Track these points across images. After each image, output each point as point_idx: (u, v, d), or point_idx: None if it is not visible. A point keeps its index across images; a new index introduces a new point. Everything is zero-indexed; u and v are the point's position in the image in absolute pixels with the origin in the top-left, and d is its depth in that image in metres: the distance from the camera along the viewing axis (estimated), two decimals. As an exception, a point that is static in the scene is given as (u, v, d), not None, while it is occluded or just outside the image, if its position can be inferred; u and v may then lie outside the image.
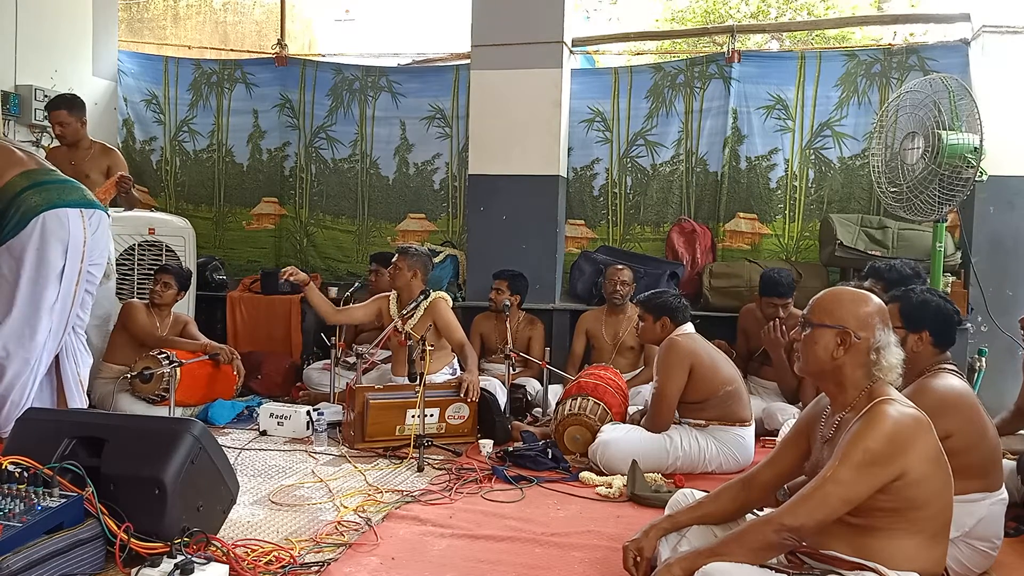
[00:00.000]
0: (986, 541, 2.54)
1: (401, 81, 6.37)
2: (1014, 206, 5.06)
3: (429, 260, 4.75)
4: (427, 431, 3.92)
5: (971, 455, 2.46)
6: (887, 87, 5.46)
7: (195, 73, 6.72)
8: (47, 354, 3.68)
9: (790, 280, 4.63)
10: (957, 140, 3.96)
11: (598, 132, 5.96)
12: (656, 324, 3.88)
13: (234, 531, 2.83)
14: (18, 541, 2.19)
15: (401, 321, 4.48)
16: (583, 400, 3.95)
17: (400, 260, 4.55)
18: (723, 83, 5.72)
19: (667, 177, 5.89)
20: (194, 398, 4.56)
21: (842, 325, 2.05)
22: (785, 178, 5.68)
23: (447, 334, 4.50)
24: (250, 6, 11.43)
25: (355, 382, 4.21)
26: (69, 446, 2.56)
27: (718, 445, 3.72)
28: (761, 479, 2.28)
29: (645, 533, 2.27)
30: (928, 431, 1.96)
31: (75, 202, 3.69)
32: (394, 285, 4.61)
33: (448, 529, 2.94)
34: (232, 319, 5.95)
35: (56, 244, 3.59)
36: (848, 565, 1.92)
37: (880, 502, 1.92)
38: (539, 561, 2.68)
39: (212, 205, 6.71)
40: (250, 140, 6.64)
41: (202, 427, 2.63)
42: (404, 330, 4.42)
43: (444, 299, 4.57)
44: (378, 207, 6.43)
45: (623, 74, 5.96)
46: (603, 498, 3.38)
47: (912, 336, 2.67)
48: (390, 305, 4.61)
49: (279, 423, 4.24)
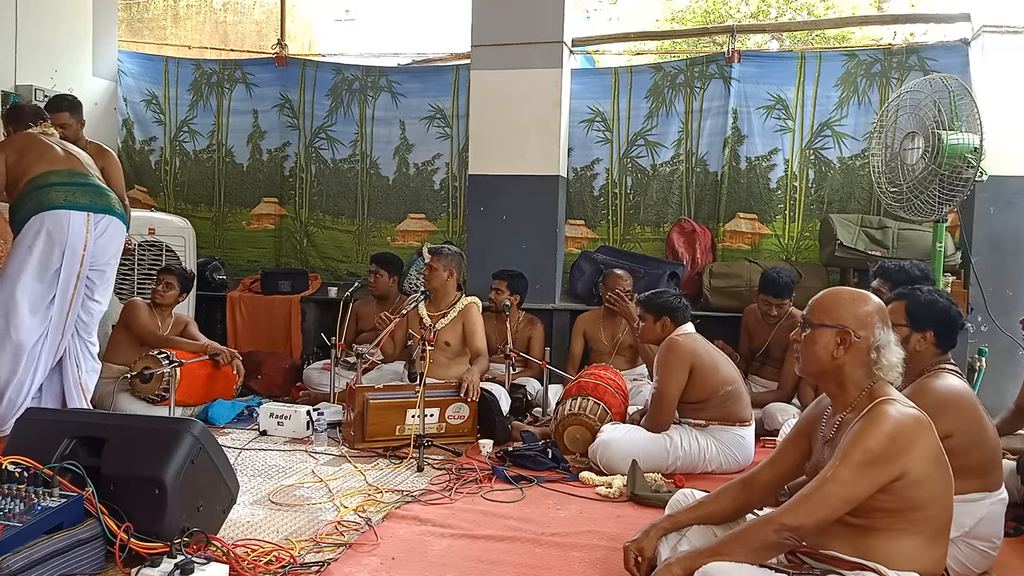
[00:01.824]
0: (986, 541, 2.54)
1: (401, 81, 6.36)
2: (1014, 206, 5.06)
3: (463, 259, 4.81)
4: (427, 431, 3.92)
5: (971, 455, 2.46)
6: (887, 87, 5.46)
7: (195, 73, 6.72)
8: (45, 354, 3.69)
9: (789, 281, 4.62)
10: (957, 140, 3.96)
11: (598, 132, 5.96)
12: (656, 324, 3.88)
13: (234, 531, 2.83)
14: (18, 541, 2.19)
15: (432, 320, 4.52)
16: (583, 400, 3.95)
17: (435, 261, 4.58)
18: (723, 83, 5.72)
19: (667, 177, 5.89)
20: (194, 398, 4.56)
21: (842, 324, 2.05)
22: (785, 178, 5.68)
23: (471, 338, 4.54)
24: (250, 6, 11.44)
25: (355, 382, 4.21)
26: (69, 446, 2.57)
27: (718, 445, 3.72)
28: (762, 479, 2.28)
29: (645, 533, 2.27)
30: (929, 431, 1.96)
31: (83, 205, 3.70)
32: (429, 286, 4.61)
33: (448, 529, 2.94)
34: (232, 319, 5.95)
35: (51, 244, 3.61)
36: (848, 565, 1.92)
37: (880, 502, 1.92)
38: (539, 561, 2.68)
39: (212, 205, 6.70)
40: (250, 140, 6.64)
41: (202, 427, 2.63)
42: (434, 329, 4.44)
43: (477, 304, 4.63)
44: (378, 207, 6.43)
45: (623, 74, 5.96)
46: (603, 498, 3.37)
47: (916, 335, 2.67)
48: (419, 308, 4.61)
49: (279, 423, 4.24)
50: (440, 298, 4.62)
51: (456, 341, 4.57)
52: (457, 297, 4.67)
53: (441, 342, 4.51)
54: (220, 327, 5.94)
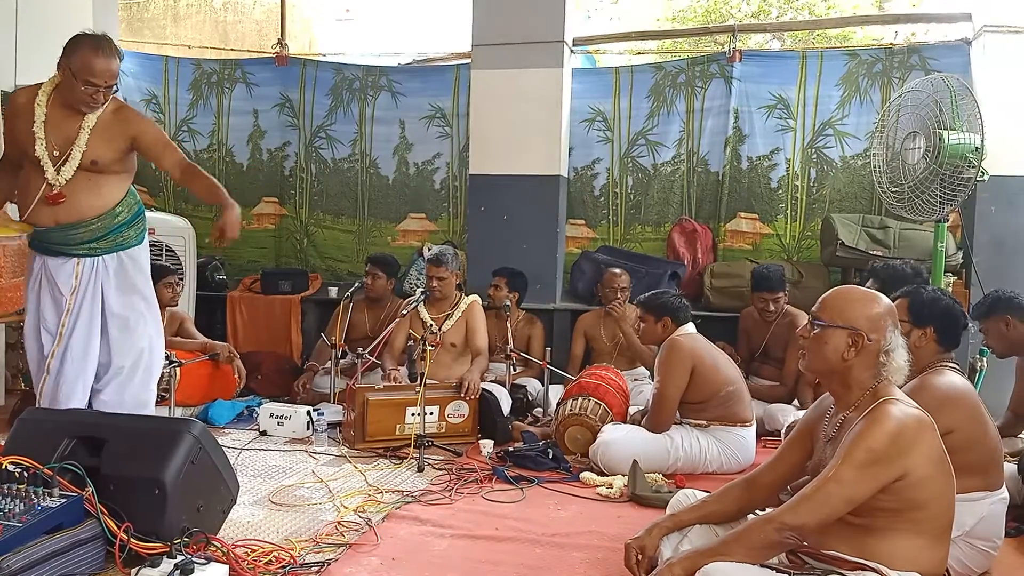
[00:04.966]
0: (987, 540, 2.54)
1: (401, 81, 6.36)
2: (1015, 206, 5.05)
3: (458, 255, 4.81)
4: (427, 431, 3.91)
5: (972, 452, 2.46)
6: (888, 86, 5.46)
7: (195, 73, 6.71)
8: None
9: (779, 275, 4.66)
10: (958, 140, 3.95)
11: (599, 132, 5.95)
12: (657, 324, 3.87)
13: (234, 531, 2.83)
14: (18, 541, 2.19)
15: (436, 322, 4.53)
16: (584, 400, 3.94)
17: (443, 270, 4.56)
18: (724, 83, 5.71)
19: (668, 177, 5.88)
20: (194, 398, 4.55)
21: (854, 327, 2.03)
22: (786, 178, 5.68)
23: (472, 337, 4.55)
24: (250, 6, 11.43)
25: (355, 382, 4.20)
26: (69, 446, 2.56)
27: (719, 445, 3.71)
28: (765, 479, 2.27)
29: (648, 532, 2.27)
30: (932, 432, 1.95)
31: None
32: (442, 295, 4.60)
33: (448, 529, 2.94)
34: (232, 319, 5.95)
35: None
36: (849, 565, 1.92)
37: (882, 502, 1.91)
38: (539, 562, 2.68)
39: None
40: (250, 140, 6.63)
41: (202, 427, 2.63)
42: (439, 331, 4.43)
43: (479, 302, 4.64)
44: (378, 207, 6.42)
45: (624, 74, 5.95)
46: (604, 498, 3.37)
47: (916, 331, 2.68)
48: (419, 311, 4.60)
49: (279, 423, 4.24)
50: (442, 299, 4.61)
51: (461, 341, 4.57)
52: (458, 297, 4.67)
53: (447, 343, 4.51)
54: (220, 327, 5.93)
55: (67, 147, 3.09)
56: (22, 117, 3.12)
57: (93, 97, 3.06)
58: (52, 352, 3.14)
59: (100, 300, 3.19)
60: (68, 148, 3.09)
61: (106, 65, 3.07)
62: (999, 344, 3.53)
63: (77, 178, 3.11)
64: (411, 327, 4.59)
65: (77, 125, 3.11)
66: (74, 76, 3.02)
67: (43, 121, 3.08)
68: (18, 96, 3.21)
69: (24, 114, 3.11)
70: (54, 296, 3.15)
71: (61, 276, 3.14)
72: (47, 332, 3.16)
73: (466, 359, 4.57)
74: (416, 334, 4.39)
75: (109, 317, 3.21)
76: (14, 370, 5.19)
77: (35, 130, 3.07)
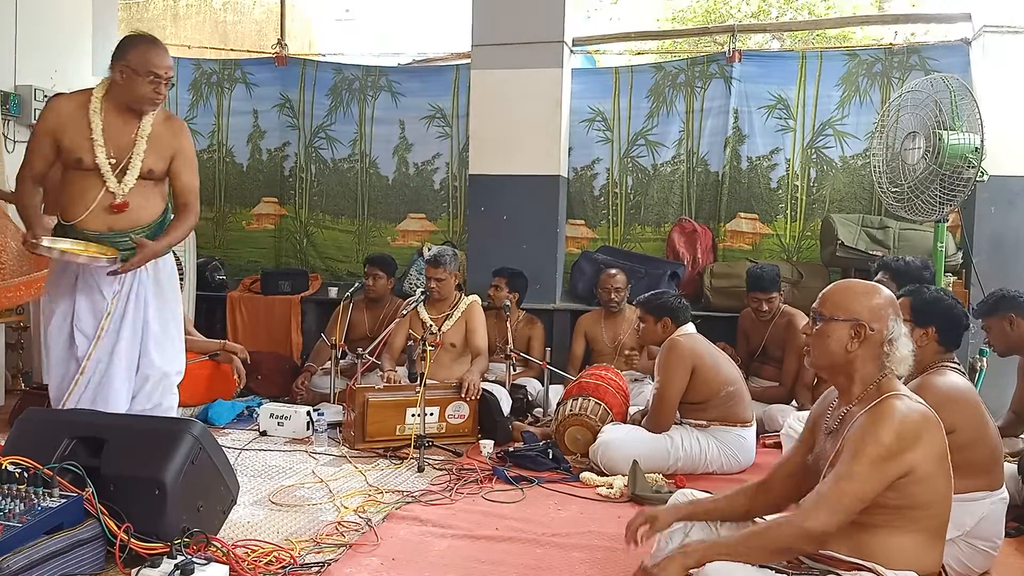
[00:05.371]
0: (987, 540, 2.54)
1: (401, 81, 6.36)
2: (1015, 206, 5.05)
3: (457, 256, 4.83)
4: (427, 431, 3.91)
5: (973, 451, 2.47)
6: (888, 86, 5.46)
7: (195, 73, 6.71)
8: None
9: (773, 275, 4.68)
10: (958, 140, 3.96)
11: (599, 132, 5.95)
12: (657, 325, 3.88)
13: (234, 531, 2.83)
14: (18, 541, 2.19)
15: (436, 323, 4.53)
16: (584, 400, 3.94)
17: (442, 271, 4.57)
18: (724, 83, 5.71)
19: (668, 177, 5.88)
20: (194, 398, 4.55)
21: (856, 318, 2.03)
22: (786, 178, 5.68)
23: (472, 337, 4.55)
24: (250, 6, 11.43)
25: (355, 382, 4.20)
26: (69, 446, 2.56)
27: (719, 446, 3.71)
28: (777, 480, 2.25)
29: (666, 508, 2.24)
30: (937, 428, 1.95)
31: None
32: (441, 296, 4.60)
33: (449, 530, 2.94)
34: (232, 319, 5.94)
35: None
36: (846, 565, 1.91)
37: (885, 499, 1.90)
38: (540, 562, 2.68)
39: (212, 205, 6.69)
40: (250, 140, 6.63)
41: (202, 427, 2.63)
42: (439, 332, 4.43)
43: (479, 302, 4.65)
44: (378, 207, 6.42)
45: (624, 74, 5.95)
46: (604, 499, 3.37)
47: (918, 330, 2.68)
48: (419, 311, 4.60)
49: (279, 423, 4.24)
50: (442, 299, 4.62)
51: (461, 341, 4.58)
52: (458, 297, 4.67)
53: (447, 343, 4.51)
54: (220, 327, 5.93)
55: (122, 155, 3.09)
56: (72, 125, 3.07)
57: (157, 91, 3.06)
58: (89, 354, 3.11)
59: (143, 304, 3.19)
60: (124, 156, 3.09)
61: (165, 57, 3.08)
62: (1001, 342, 3.53)
63: (135, 186, 3.11)
64: (411, 327, 4.59)
65: (133, 134, 3.10)
66: (136, 72, 3.01)
67: (101, 129, 3.06)
68: (61, 103, 3.15)
69: (75, 122, 3.07)
70: (92, 299, 3.13)
71: (104, 279, 3.12)
72: (82, 333, 3.12)
73: (466, 359, 4.57)
74: (416, 334, 4.39)
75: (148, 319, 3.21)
76: (14, 370, 5.19)
77: (94, 138, 3.04)
